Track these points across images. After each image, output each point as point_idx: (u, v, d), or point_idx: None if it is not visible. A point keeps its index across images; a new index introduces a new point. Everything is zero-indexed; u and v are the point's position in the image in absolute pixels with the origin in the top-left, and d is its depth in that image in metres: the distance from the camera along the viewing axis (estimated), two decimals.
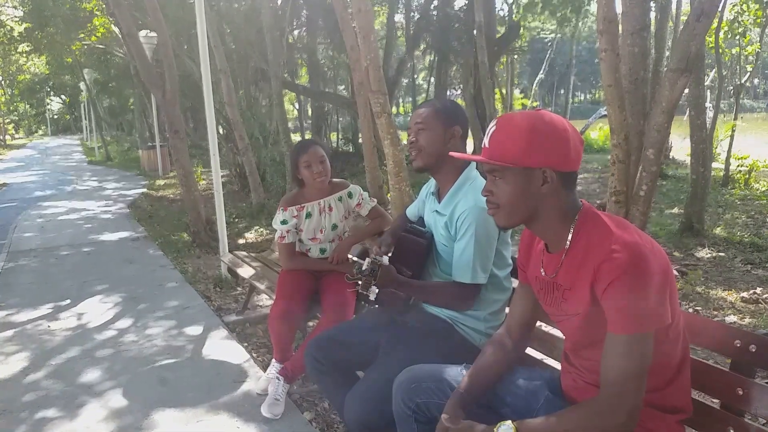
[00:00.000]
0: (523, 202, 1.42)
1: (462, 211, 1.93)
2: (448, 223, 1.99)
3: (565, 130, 1.39)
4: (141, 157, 16.63)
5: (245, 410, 2.78)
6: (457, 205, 1.97)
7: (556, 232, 1.45)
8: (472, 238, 1.90)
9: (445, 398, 1.61)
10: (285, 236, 2.97)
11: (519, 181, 1.40)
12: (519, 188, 1.41)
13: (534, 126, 1.38)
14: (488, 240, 1.92)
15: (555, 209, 1.42)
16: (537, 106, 45.21)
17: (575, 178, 1.44)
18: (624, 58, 4.02)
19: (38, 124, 52.83)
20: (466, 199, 1.95)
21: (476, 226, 1.90)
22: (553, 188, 1.40)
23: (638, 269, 1.27)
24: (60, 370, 3.33)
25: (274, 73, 10.53)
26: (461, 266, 1.93)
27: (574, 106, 41.34)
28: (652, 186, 3.85)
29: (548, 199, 1.41)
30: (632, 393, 1.28)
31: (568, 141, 1.38)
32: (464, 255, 1.92)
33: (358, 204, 3.05)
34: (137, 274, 5.41)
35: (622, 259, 1.27)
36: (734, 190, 9.11)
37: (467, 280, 1.93)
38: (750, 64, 10.88)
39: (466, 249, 1.92)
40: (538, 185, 1.39)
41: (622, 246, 1.29)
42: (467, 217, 1.91)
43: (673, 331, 1.37)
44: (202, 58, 4.86)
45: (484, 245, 1.91)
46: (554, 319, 1.55)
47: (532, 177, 1.39)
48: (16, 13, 16.99)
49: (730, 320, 3.87)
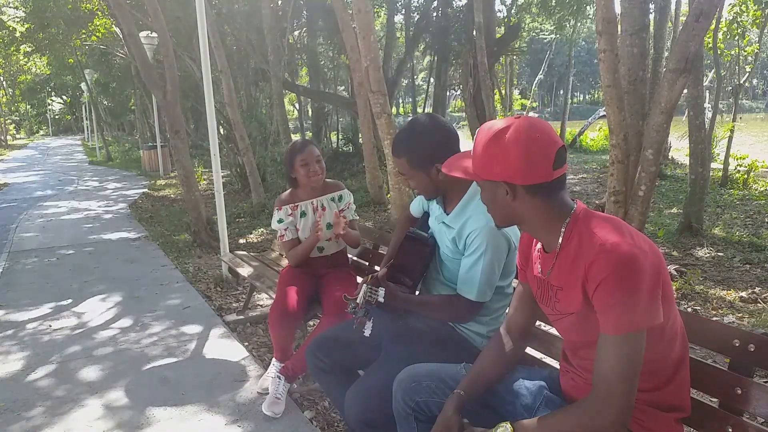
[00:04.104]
0: (499, 210, 1.47)
1: (473, 229, 1.90)
2: (457, 239, 1.96)
3: (527, 144, 1.35)
4: (142, 157, 16.64)
5: (246, 409, 2.79)
6: (467, 222, 1.93)
7: (547, 234, 1.46)
8: (482, 258, 1.88)
9: (445, 397, 1.62)
10: (284, 234, 3.01)
11: (489, 192, 1.46)
12: (491, 198, 1.47)
13: (495, 138, 1.39)
14: (498, 260, 1.91)
15: (535, 215, 1.43)
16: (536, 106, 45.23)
17: (551, 187, 1.39)
18: (623, 59, 4.03)
19: (39, 125, 52.85)
20: (477, 215, 1.91)
21: (486, 246, 1.87)
22: (521, 198, 1.41)
23: (627, 269, 1.26)
24: (61, 369, 3.34)
25: (274, 74, 10.55)
26: (468, 282, 1.92)
27: (573, 106, 41.38)
28: (650, 186, 3.87)
29: (521, 207, 1.43)
30: (623, 393, 1.27)
31: (528, 156, 1.35)
32: (472, 272, 1.91)
33: (341, 210, 3.08)
34: (138, 274, 5.42)
35: (610, 259, 1.28)
36: (733, 190, 9.12)
37: (473, 297, 1.92)
38: (749, 65, 10.89)
39: (475, 267, 1.90)
40: (504, 195, 1.42)
41: (611, 246, 1.29)
42: (478, 236, 1.88)
43: (670, 331, 1.38)
44: (202, 59, 4.87)
45: (492, 264, 1.90)
46: (550, 318, 1.56)
47: (497, 189, 1.43)
48: (17, 13, 17.02)
49: (729, 320, 3.88)
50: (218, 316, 4.19)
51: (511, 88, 24.24)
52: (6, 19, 16.51)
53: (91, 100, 23.71)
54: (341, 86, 21.89)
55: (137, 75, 15.08)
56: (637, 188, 3.84)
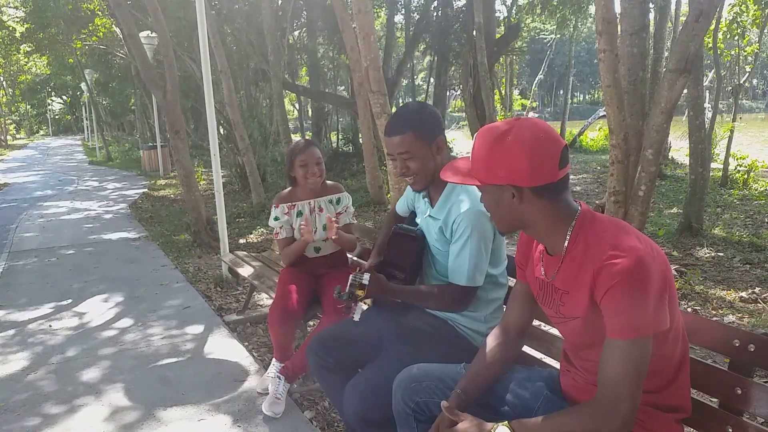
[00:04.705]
0: (504, 214, 1.44)
1: (457, 214, 1.92)
2: (443, 227, 1.98)
3: (531, 146, 1.34)
4: (142, 158, 16.63)
5: (246, 409, 2.79)
6: (451, 209, 1.96)
7: (553, 237, 1.44)
8: (468, 241, 1.90)
9: (445, 397, 1.62)
10: (279, 232, 3.02)
11: (493, 196, 1.43)
12: (495, 202, 1.44)
13: (497, 142, 1.37)
14: (484, 242, 1.92)
15: (542, 218, 1.41)
16: (536, 106, 45.24)
17: (556, 188, 1.38)
18: (623, 59, 4.03)
19: (39, 125, 52.87)
20: (460, 202, 1.94)
21: (472, 229, 1.89)
22: (528, 200, 1.39)
23: (637, 275, 1.25)
24: (61, 369, 3.35)
25: (274, 74, 10.55)
26: (457, 269, 1.93)
27: (573, 106, 41.40)
28: (650, 186, 3.87)
29: (528, 210, 1.41)
30: (629, 398, 1.27)
31: (533, 157, 1.34)
32: (460, 258, 1.92)
33: (339, 213, 3.07)
34: (138, 274, 5.42)
35: (621, 265, 1.26)
36: (733, 190, 9.13)
37: (463, 282, 1.92)
38: (749, 65, 10.89)
39: (462, 252, 1.91)
40: (509, 198, 1.40)
41: (621, 251, 1.27)
42: (463, 220, 1.90)
43: (673, 333, 1.37)
44: (202, 59, 4.87)
45: (479, 248, 1.91)
46: (553, 321, 1.55)
47: (502, 192, 1.41)
48: (17, 13, 17.02)
49: (729, 320, 3.88)
50: (218, 316, 4.19)
51: (511, 88, 24.23)
52: (6, 19, 16.51)
53: (91, 100, 23.72)
54: (341, 86, 21.89)
55: (137, 75, 15.07)
56: (637, 188, 3.84)
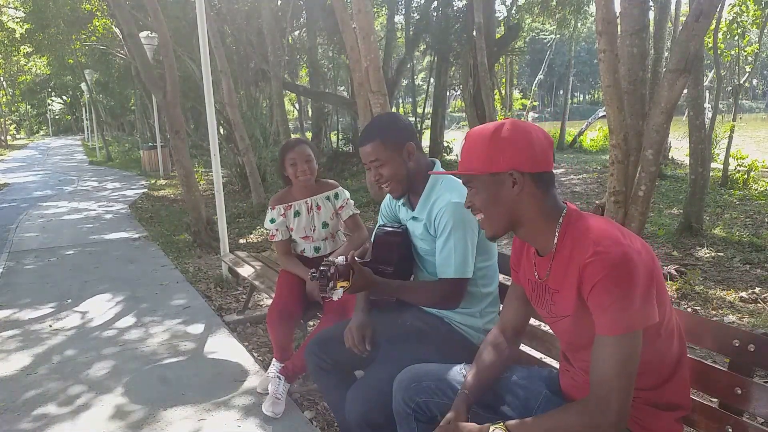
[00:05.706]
0: (500, 207, 1.44)
1: (439, 208, 1.93)
2: (427, 225, 1.99)
3: (529, 132, 1.41)
4: (142, 158, 16.64)
5: (246, 409, 2.79)
6: (432, 205, 1.97)
7: (543, 236, 1.45)
8: (453, 233, 1.90)
9: (445, 397, 1.62)
10: (275, 234, 3.02)
11: (490, 187, 1.43)
12: (492, 194, 1.44)
13: (495, 132, 1.41)
14: (469, 233, 1.92)
15: (535, 211, 1.43)
16: (536, 106, 45.26)
17: (549, 179, 1.43)
18: (623, 59, 4.03)
19: (39, 125, 52.91)
20: (440, 198, 1.95)
21: (455, 221, 1.90)
22: (526, 189, 1.41)
23: (622, 270, 1.27)
24: (61, 369, 3.35)
25: (274, 74, 10.56)
26: (444, 261, 1.93)
27: (573, 106, 41.40)
28: (650, 186, 3.86)
29: (524, 202, 1.42)
30: (621, 393, 1.27)
31: (532, 142, 1.40)
32: (446, 250, 1.92)
33: (341, 207, 3.07)
34: (138, 274, 5.42)
35: (605, 260, 1.28)
36: (733, 190, 9.12)
37: (451, 275, 1.92)
38: (749, 65, 10.88)
39: (447, 244, 1.92)
40: (509, 188, 1.41)
41: (604, 247, 1.29)
42: (444, 213, 1.91)
43: (666, 329, 1.38)
44: (202, 59, 4.88)
45: (465, 238, 1.91)
46: (546, 321, 1.55)
47: (501, 181, 1.42)
48: (17, 14, 17.02)
49: (729, 320, 3.88)
50: (218, 316, 4.19)
51: (511, 88, 24.21)
52: (6, 19, 16.51)
53: (91, 100, 23.73)
54: (341, 86, 21.91)
55: (137, 75, 15.07)
56: (637, 188, 3.84)
